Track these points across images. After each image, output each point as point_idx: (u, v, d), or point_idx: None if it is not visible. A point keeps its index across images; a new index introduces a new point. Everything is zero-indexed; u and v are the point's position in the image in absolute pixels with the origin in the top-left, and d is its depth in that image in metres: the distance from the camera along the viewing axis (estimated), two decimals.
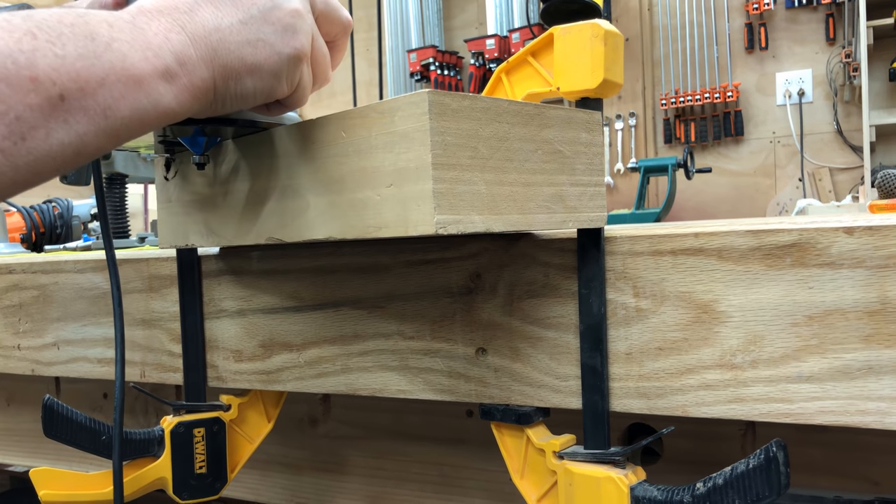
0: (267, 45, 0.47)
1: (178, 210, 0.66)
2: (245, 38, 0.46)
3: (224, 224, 0.61)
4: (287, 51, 0.47)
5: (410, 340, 0.62)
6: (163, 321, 0.77)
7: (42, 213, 1.42)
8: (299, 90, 0.51)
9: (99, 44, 0.39)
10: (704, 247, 0.52)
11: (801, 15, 3.54)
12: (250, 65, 0.46)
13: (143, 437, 0.69)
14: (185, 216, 0.65)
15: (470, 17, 4.25)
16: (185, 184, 0.65)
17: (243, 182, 0.59)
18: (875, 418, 0.48)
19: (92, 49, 0.38)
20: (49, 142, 0.37)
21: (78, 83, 0.38)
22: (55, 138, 0.37)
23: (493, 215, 0.47)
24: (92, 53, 0.38)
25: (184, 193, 0.65)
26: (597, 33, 0.53)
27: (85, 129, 0.38)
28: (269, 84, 0.48)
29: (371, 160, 0.47)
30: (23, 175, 0.37)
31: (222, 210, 0.61)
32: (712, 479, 0.48)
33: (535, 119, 0.49)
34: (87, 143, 0.39)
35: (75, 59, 0.38)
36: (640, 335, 0.54)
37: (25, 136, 0.36)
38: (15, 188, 0.38)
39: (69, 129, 0.38)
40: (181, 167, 0.65)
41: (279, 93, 0.49)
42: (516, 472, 0.59)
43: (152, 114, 0.42)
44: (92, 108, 0.38)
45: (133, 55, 0.40)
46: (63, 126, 0.37)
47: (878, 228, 0.47)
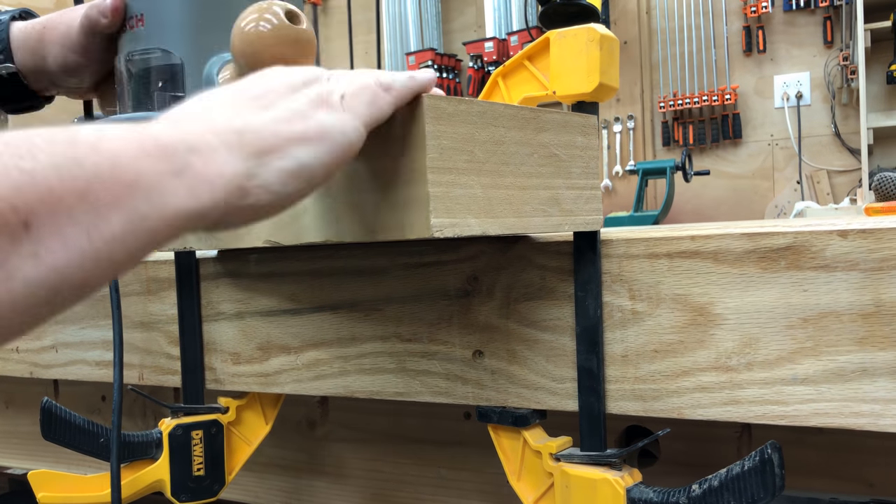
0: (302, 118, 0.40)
1: None
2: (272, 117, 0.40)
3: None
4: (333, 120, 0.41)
5: (408, 343, 0.63)
6: (161, 324, 0.77)
7: None
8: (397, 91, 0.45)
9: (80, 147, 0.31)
10: (700, 249, 0.52)
11: (798, 18, 3.55)
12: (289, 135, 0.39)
13: (141, 440, 0.70)
14: None
15: (468, 19, 4.26)
16: None
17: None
18: (869, 420, 0.48)
19: (72, 154, 0.30)
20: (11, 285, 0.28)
21: (48, 204, 0.29)
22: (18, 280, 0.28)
23: (490, 218, 0.47)
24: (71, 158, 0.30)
25: None
26: (592, 37, 0.53)
27: (63, 261, 0.30)
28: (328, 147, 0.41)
29: (367, 163, 0.47)
30: None
31: None
32: (708, 480, 0.49)
33: (531, 123, 0.50)
34: (67, 277, 0.30)
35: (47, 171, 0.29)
36: (636, 337, 0.54)
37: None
38: None
39: (39, 265, 0.29)
40: None
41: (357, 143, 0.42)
42: (513, 474, 0.59)
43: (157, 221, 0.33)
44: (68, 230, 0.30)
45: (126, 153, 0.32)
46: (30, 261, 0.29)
47: (871, 231, 0.47)
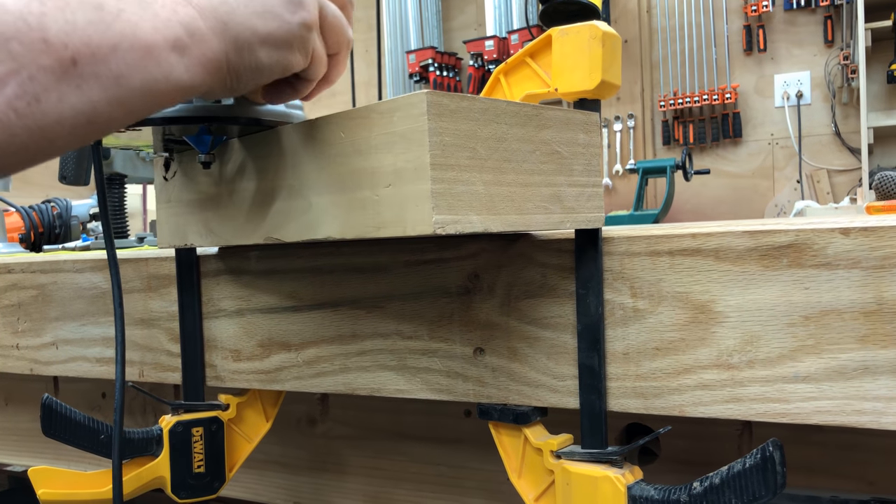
0: (275, 16, 0.46)
1: (178, 210, 0.66)
2: (253, 10, 0.46)
3: (223, 223, 0.61)
4: (296, 19, 0.47)
5: (408, 340, 0.63)
6: (162, 321, 0.77)
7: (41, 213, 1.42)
8: (315, 61, 0.50)
9: (107, 13, 0.39)
10: (701, 247, 0.52)
11: (799, 17, 3.55)
12: (262, 35, 0.46)
13: (141, 437, 0.69)
14: (184, 216, 0.65)
15: (469, 18, 4.26)
16: (186, 183, 0.65)
17: (241, 182, 0.59)
18: (871, 418, 0.48)
19: (101, 17, 0.38)
20: (61, 107, 0.37)
21: (90, 48, 0.37)
22: (68, 104, 0.37)
23: (491, 215, 0.47)
24: (101, 21, 0.38)
25: (184, 193, 0.65)
26: (595, 35, 0.53)
27: (98, 97, 0.38)
28: (283, 55, 0.47)
29: (370, 160, 0.47)
30: (36, 141, 0.36)
31: (221, 210, 0.62)
32: (709, 478, 0.49)
33: (533, 120, 0.50)
34: (99, 112, 0.38)
35: (86, 25, 0.37)
36: (637, 335, 0.54)
37: (40, 98, 0.36)
38: (27, 155, 0.37)
39: (81, 96, 0.37)
40: (181, 167, 0.65)
41: (295, 64, 0.49)
42: (514, 472, 0.59)
43: (164, 86, 0.41)
44: (104, 74, 0.38)
45: (143, 25, 0.40)
46: (76, 91, 0.37)
47: (873, 229, 0.47)
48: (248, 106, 0.56)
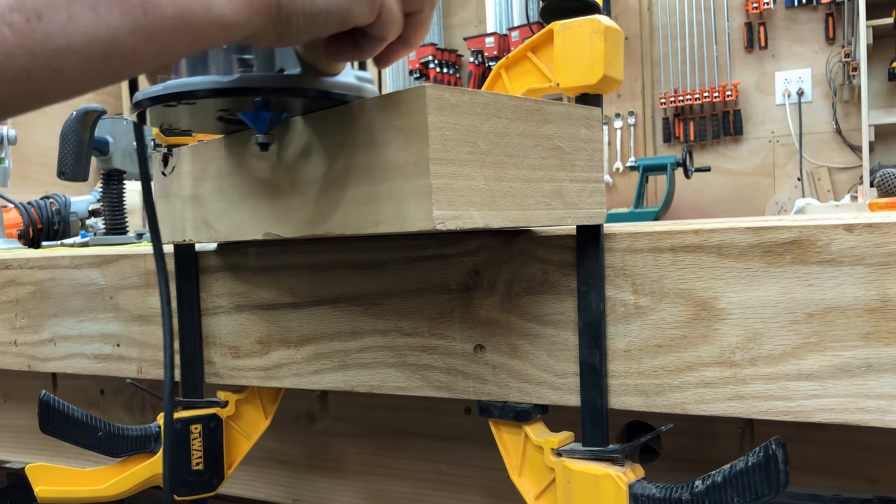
0: None
1: (177, 205, 0.66)
2: None
3: (222, 219, 0.61)
4: None
5: (408, 337, 0.62)
6: (160, 317, 0.77)
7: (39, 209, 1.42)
8: (384, 15, 0.42)
9: None
10: (704, 244, 0.51)
11: (800, 14, 3.54)
12: None
13: (139, 434, 0.69)
14: (183, 211, 0.65)
15: (469, 15, 4.25)
16: (185, 178, 0.64)
17: (241, 178, 0.59)
18: (875, 416, 0.47)
19: None
20: (71, 28, 0.31)
21: None
22: (79, 26, 0.31)
23: (492, 211, 0.47)
24: None
25: (183, 188, 0.65)
26: (597, 29, 0.53)
27: (118, 23, 0.32)
28: (342, 1, 0.40)
29: (370, 155, 0.47)
30: (40, 68, 0.31)
31: (217, 205, 0.61)
32: (711, 476, 0.48)
33: (534, 115, 0.49)
34: (119, 40, 0.32)
35: None
36: (639, 332, 0.54)
37: (41, 15, 0.30)
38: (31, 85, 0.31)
39: (97, 18, 0.31)
40: (179, 163, 0.65)
41: (358, 16, 0.41)
42: (514, 470, 0.59)
43: (203, 19, 0.35)
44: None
45: None
46: (90, 13, 0.31)
47: (878, 226, 0.47)
48: (314, 76, 0.48)
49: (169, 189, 0.67)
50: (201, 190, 0.62)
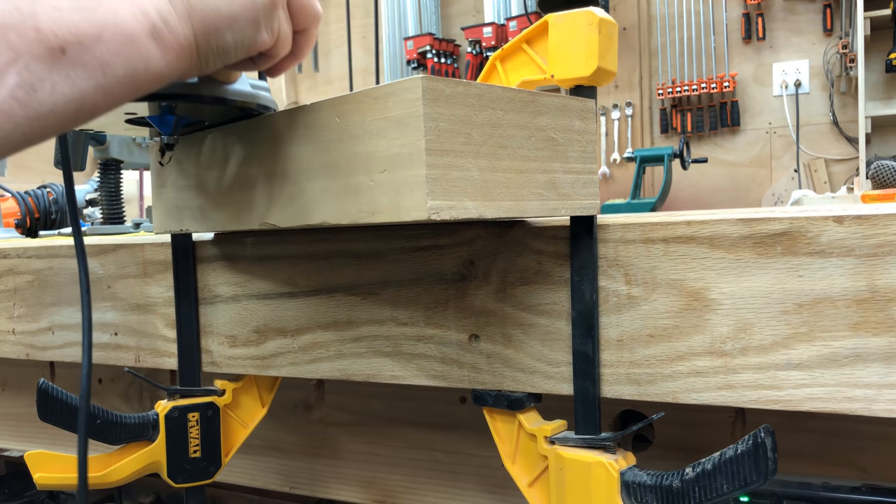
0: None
1: (174, 195, 0.66)
2: None
3: (219, 209, 0.61)
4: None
5: (404, 326, 0.63)
6: (157, 306, 0.77)
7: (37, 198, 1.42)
8: (281, 39, 0.50)
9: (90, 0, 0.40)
10: (696, 235, 0.52)
11: (798, 5, 3.54)
12: (227, 16, 0.46)
13: (137, 422, 0.70)
14: (180, 201, 0.65)
15: (467, 5, 4.24)
16: (182, 169, 0.65)
17: (238, 167, 0.59)
18: (862, 405, 0.48)
19: (85, 4, 0.39)
20: (54, 96, 0.38)
21: (77, 36, 0.38)
22: (59, 92, 0.38)
23: (487, 202, 0.47)
24: (86, 7, 0.39)
25: (179, 179, 0.65)
26: (591, 21, 0.53)
27: (85, 86, 0.39)
28: (248, 34, 0.47)
29: (365, 146, 0.47)
30: (33, 128, 0.37)
31: (215, 196, 0.61)
32: (701, 464, 0.49)
33: (528, 106, 0.50)
34: (86, 99, 0.39)
35: (71, 11, 0.38)
36: (631, 322, 0.54)
37: (35, 88, 0.37)
38: (25, 140, 0.38)
39: (71, 84, 0.38)
40: (175, 152, 0.65)
41: (261, 43, 0.49)
42: (508, 457, 0.60)
43: (144, 74, 0.42)
44: (91, 63, 0.39)
45: (122, 11, 0.41)
46: (65, 80, 0.38)
47: (867, 217, 0.47)
48: (213, 84, 0.55)
49: (166, 179, 0.67)
50: (199, 180, 0.63)
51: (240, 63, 0.51)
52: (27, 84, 0.36)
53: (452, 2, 4.27)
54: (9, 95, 0.36)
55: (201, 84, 0.54)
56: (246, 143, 0.58)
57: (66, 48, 0.38)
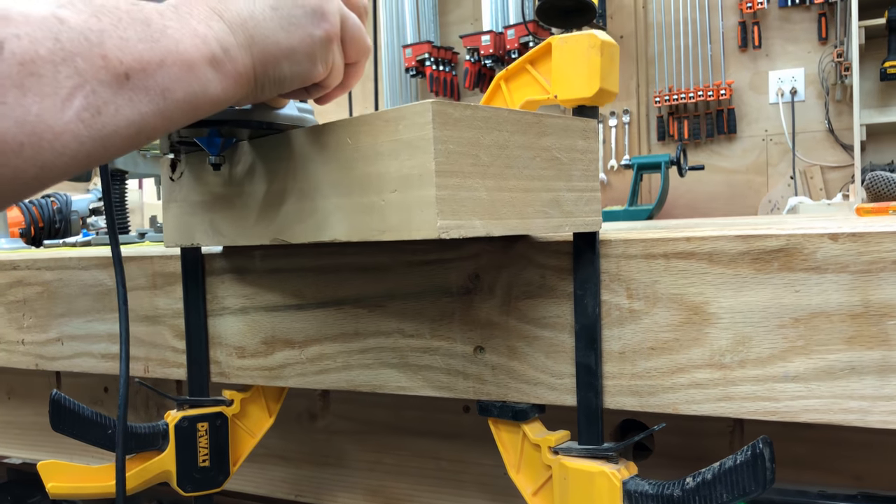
0: (299, 29, 0.49)
1: (185, 210, 0.67)
2: (279, 24, 0.48)
3: (231, 224, 0.63)
4: (319, 32, 0.49)
5: (410, 338, 0.64)
6: (167, 318, 0.78)
7: (41, 207, 1.43)
8: (334, 71, 0.53)
9: (154, 29, 0.42)
10: (696, 251, 0.53)
11: (794, 14, 3.57)
12: (285, 49, 0.48)
13: (147, 431, 0.71)
14: (191, 216, 0.67)
15: (465, 12, 4.26)
16: (194, 184, 0.66)
17: (250, 184, 0.61)
18: (857, 416, 0.50)
19: (150, 34, 0.41)
20: (118, 118, 0.40)
21: (141, 63, 0.40)
22: (122, 115, 0.40)
23: (494, 220, 0.49)
24: (150, 38, 0.41)
25: (191, 194, 0.67)
26: (594, 44, 0.55)
27: (146, 109, 0.41)
28: (305, 67, 0.50)
29: (377, 166, 0.49)
30: (97, 150, 0.39)
31: (229, 211, 0.63)
32: (701, 473, 0.50)
33: (533, 127, 0.51)
34: (147, 122, 0.41)
35: (136, 41, 0.40)
36: (633, 335, 0.56)
37: (101, 111, 0.39)
38: (88, 162, 0.40)
39: (133, 108, 0.40)
40: (189, 167, 0.66)
41: (315, 75, 0.51)
42: (513, 467, 0.61)
43: (202, 99, 0.44)
44: (152, 88, 0.41)
45: (185, 41, 0.43)
46: (128, 104, 0.40)
47: (861, 235, 0.49)
48: (263, 110, 0.58)
49: (176, 194, 0.68)
50: (210, 196, 0.64)
51: (293, 92, 0.53)
52: (93, 107, 0.38)
53: (450, 10, 4.30)
54: (76, 117, 0.38)
55: (254, 110, 0.57)
56: (261, 161, 0.59)
57: (131, 74, 0.40)
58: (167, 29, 0.42)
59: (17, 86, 0.36)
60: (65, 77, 0.37)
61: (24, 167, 0.36)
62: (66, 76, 0.37)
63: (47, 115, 0.37)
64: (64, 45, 0.37)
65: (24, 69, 0.36)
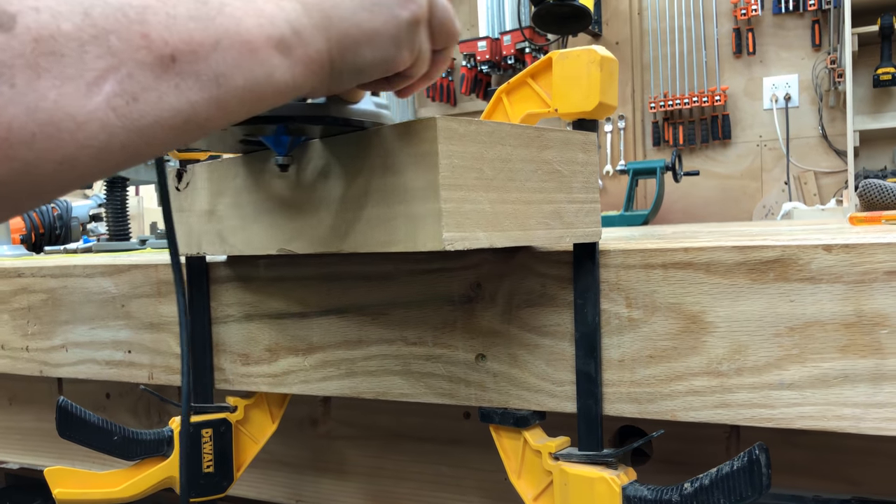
0: (383, 10, 0.43)
1: (190, 220, 0.68)
2: (359, 3, 0.43)
3: (236, 234, 0.64)
4: (405, 14, 0.44)
5: (413, 346, 0.65)
6: (171, 325, 0.79)
7: (41, 213, 1.44)
8: (420, 59, 0.47)
9: (211, 7, 0.36)
10: (693, 261, 0.55)
11: (787, 21, 3.60)
12: (368, 31, 0.43)
13: (153, 438, 0.72)
14: (196, 226, 0.68)
15: (462, 18, 4.28)
16: (197, 194, 0.67)
17: (255, 194, 0.62)
18: (850, 423, 0.51)
19: (204, 12, 0.36)
20: (160, 107, 0.34)
21: (190, 45, 0.35)
22: (166, 103, 0.35)
23: (496, 231, 0.50)
24: (204, 16, 0.36)
25: (196, 203, 0.68)
26: (593, 59, 0.56)
27: (196, 97, 0.36)
28: (388, 53, 0.44)
29: (384, 180, 0.50)
30: (134, 142, 0.34)
31: (233, 221, 0.64)
32: (699, 479, 0.52)
33: (535, 141, 0.52)
34: (198, 112, 0.36)
35: (187, 19, 0.35)
36: (632, 343, 0.57)
37: (138, 97, 0.34)
38: (124, 156, 0.35)
39: (180, 95, 0.35)
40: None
41: (399, 63, 0.45)
42: (514, 473, 0.62)
43: (266, 87, 0.39)
44: (204, 73, 0.36)
45: (246, 21, 0.37)
46: (174, 91, 0.35)
47: (854, 246, 0.50)
48: (338, 104, 0.51)
49: (182, 204, 0.69)
50: (217, 205, 0.65)
51: (373, 82, 0.47)
52: (128, 93, 0.33)
53: None
54: (105, 104, 0.33)
55: (329, 104, 0.50)
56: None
57: (178, 56, 0.35)
58: (226, 6, 0.37)
59: (31, 66, 0.31)
60: (94, 58, 0.32)
61: (37, 162, 0.31)
62: (95, 56, 0.32)
63: (68, 101, 0.31)
64: (95, 20, 0.32)
65: (39, 47, 0.31)
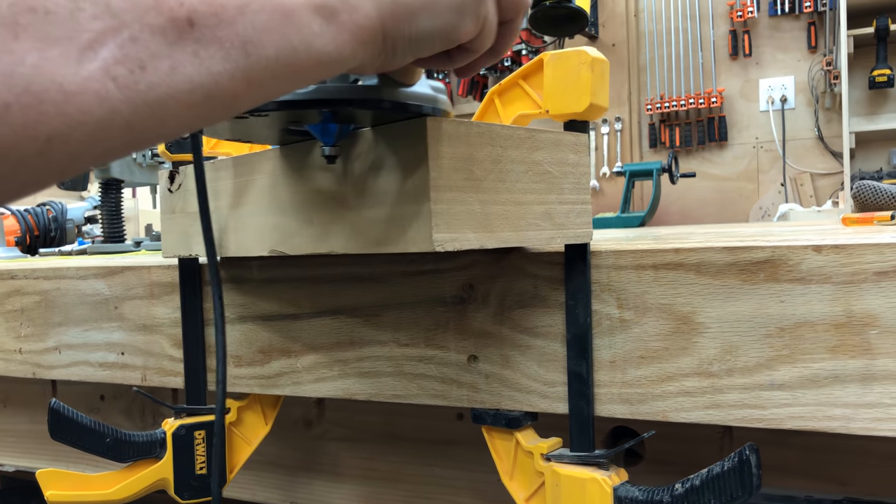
0: None
1: (183, 221, 0.68)
2: None
3: (228, 236, 0.64)
4: None
5: (405, 347, 0.65)
6: (164, 327, 0.79)
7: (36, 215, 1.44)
8: (486, 29, 0.41)
9: None
10: (684, 262, 0.55)
11: (783, 23, 3.61)
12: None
13: (145, 440, 0.72)
14: (189, 227, 0.68)
15: None
16: (190, 195, 0.67)
17: (246, 196, 0.62)
18: (840, 423, 0.51)
19: None
20: (174, 79, 0.29)
21: (212, 7, 0.30)
22: (182, 74, 0.29)
23: (487, 233, 0.50)
24: None
25: (189, 205, 0.68)
26: (584, 60, 0.56)
27: (219, 68, 0.30)
28: (449, 21, 0.38)
29: (374, 181, 0.50)
30: (142, 119, 0.29)
31: (226, 222, 0.64)
32: (690, 480, 0.52)
33: (526, 142, 0.53)
34: (221, 86, 0.31)
35: None
36: (623, 344, 0.57)
37: (145, 66, 0.29)
38: (131, 136, 0.30)
39: (199, 65, 0.30)
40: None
41: (463, 33, 0.39)
42: (506, 474, 0.62)
43: (304, 58, 0.33)
44: (228, 40, 0.30)
45: None
46: (192, 60, 0.30)
47: (843, 247, 0.50)
48: (392, 86, 0.45)
49: (175, 205, 0.69)
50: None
51: (432, 58, 0.41)
52: (132, 60, 0.28)
53: None
54: (101, 72, 0.28)
55: (381, 87, 0.44)
56: (255, 172, 0.60)
57: (195, 19, 0.30)
58: None
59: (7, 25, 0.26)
60: (89, 17, 0.27)
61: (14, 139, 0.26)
62: (91, 16, 0.27)
63: (52, 67, 0.27)
64: None
65: (20, 4, 0.26)
